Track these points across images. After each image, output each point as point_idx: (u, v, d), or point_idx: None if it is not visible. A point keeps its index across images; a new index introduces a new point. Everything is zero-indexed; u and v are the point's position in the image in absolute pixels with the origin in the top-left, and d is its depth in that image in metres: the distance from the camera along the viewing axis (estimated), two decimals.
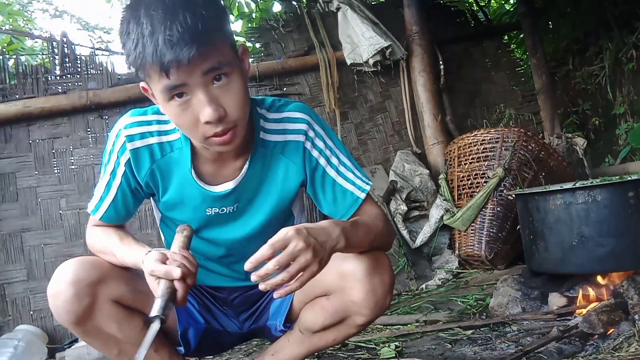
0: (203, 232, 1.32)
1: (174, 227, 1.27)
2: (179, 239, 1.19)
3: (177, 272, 1.06)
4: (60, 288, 1.18)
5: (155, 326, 1.04)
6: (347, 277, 1.24)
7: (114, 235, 1.28)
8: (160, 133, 1.23)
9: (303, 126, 1.25)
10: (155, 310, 1.05)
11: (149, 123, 1.23)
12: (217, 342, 1.46)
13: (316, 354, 2.03)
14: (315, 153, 1.26)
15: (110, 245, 1.26)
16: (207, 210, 1.27)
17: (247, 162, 1.23)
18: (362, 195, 1.27)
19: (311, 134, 1.25)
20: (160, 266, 1.08)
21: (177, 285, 1.07)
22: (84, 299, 1.18)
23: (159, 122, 1.23)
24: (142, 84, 1.13)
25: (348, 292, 1.24)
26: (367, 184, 1.28)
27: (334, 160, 1.27)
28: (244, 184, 1.25)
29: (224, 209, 1.27)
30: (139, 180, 1.25)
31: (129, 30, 1.02)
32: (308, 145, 1.25)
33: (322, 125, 1.28)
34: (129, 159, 1.23)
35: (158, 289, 1.07)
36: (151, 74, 1.03)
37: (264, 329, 1.46)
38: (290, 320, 1.39)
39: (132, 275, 1.28)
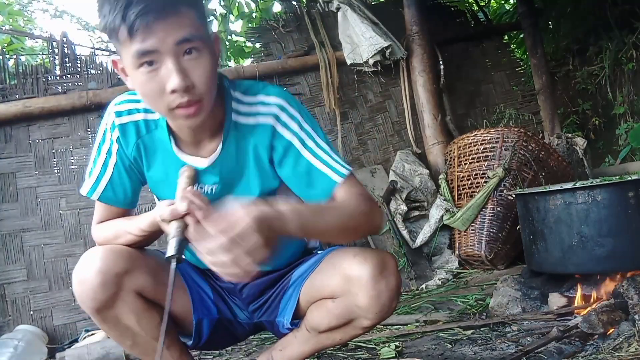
0: None
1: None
2: (182, 182, 1.19)
3: (182, 207, 1.08)
4: (88, 275, 1.21)
5: (172, 266, 1.06)
6: (353, 282, 1.23)
7: (121, 219, 1.32)
8: (147, 111, 1.25)
9: (274, 109, 1.22)
10: (170, 250, 1.06)
11: (137, 101, 1.26)
12: (228, 333, 1.47)
13: (316, 353, 2.04)
14: (287, 134, 1.22)
15: (122, 227, 1.29)
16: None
17: (220, 143, 1.23)
18: (338, 179, 1.22)
19: (283, 117, 1.22)
20: (167, 208, 1.10)
21: (188, 220, 1.08)
22: (109, 289, 1.22)
23: None
24: (112, 56, 1.15)
25: (353, 296, 1.24)
26: (346, 168, 1.24)
27: (310, 143, 1.23)
28: (220, 164, 1.25)
29: (203, 186, 1.26)
30: (128, 155, 1.28)
31: None
32: (279, 127, 1.22)
33: (300, 109, 1.25)
34: (119, 135, 1.26)
35: (170, 232, 1.09)
36: (124, 37, 1.04)
37: (273, 325, 1.46)
38: (297, 317, 1.40)
39: (156, 265, 1.30)
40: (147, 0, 1.00)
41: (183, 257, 1.09)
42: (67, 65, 3.33)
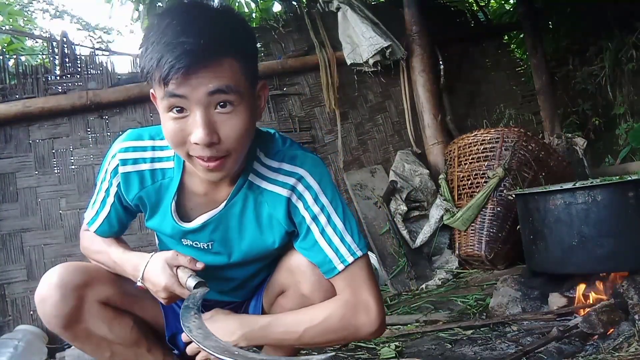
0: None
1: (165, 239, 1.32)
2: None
3: (200, 265, 1.19)
4: (47, 293, 1.21)
5: (203, 290, 1.14)
6: (294, 272, 1.24)
7: (112, 241, 1.32)
8: (153, 160, 1.21)
9: (291, 180, 1.17)
10: (196, 279, 1.15)
11: (143, 149, 1.21)
12: None
13: (315, 353, 2.03)
14: (301, 207, 1.17)
15: (107, 247, 1.30)
16: (183, 241, 1.26)
17: (225, 201, 1.19)
18: (340, 267, 1.17)
19: (300, 187, 1.17)
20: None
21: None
22: (70, 301, 1.21)
23: (154, 148, 1.21)
24: (151, 90, 1.11)
25: (298, 286, 1.24)
26: (352, 254, 1.17)
27: (322, 219, 1.17)
28: (219, 220, 1.21)
29: (198, 243, 1.25)
30: (129, 201, 1.26)
31: (149, 36, 1.01)
32: (294, 199, 1.17)
33: (320, 180, 1.18)
34: (120, 181, 1.23)
35: (183, 275, 1.17)
36: (156, 78, 1.01)
37: None
38: None
39: (118, 277, 1.30)
40: (186, 45, 0.95)
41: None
42: (67, 65, 3.33)
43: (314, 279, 1.21)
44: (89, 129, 3.26)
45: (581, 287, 2.07)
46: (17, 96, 3.15)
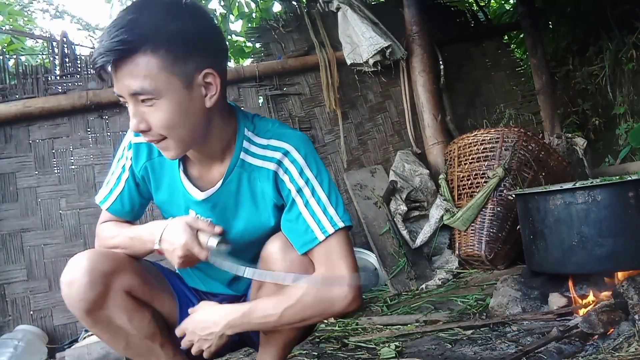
0: None
1: None
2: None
3: (218, 229, 1.24)
4: (75, 276, 1.22)
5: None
6: (268, 259, 1.26)
7: (125, 224, 1.38)
8: None
9: (278, 155, 1.22)
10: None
11: None
12: None
13: (316, 353, 2.04)
14: (287, 180, 1.23)
15: (122, 229, 1.34)
16: (189, 212, 1.30)
17: (221, 180, 1.26)
18: (321, 237, 1.20)
19: (285, 162, 1.22)
20: (177, 260, 1.23)
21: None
22: (98, 287, 1.23)
23: None
24: None
25: None
26: (334, 225, 1.21)
27: (306, 192, 1.22)
28: (217, 199, 1.27)
29: (199, 217, 1.29)
30: (137, 173, 1.32)
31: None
32: (280, 173, 1.23)
33: (306, 155, 1.23)
34: (132, 154, 1.31)
35: (204, 237, 1.21)
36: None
37: (248, 334, 1.46)
38: None
39: (143, 268, 1.34)
40: (101, 48, 1.04)
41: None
42: (67, 65, 3.33)
43: (285, 265, 1.22)
44: (89, 129, 3.26)
45: (581, 287, 2.07)
46: (17, 96, 3.15)
